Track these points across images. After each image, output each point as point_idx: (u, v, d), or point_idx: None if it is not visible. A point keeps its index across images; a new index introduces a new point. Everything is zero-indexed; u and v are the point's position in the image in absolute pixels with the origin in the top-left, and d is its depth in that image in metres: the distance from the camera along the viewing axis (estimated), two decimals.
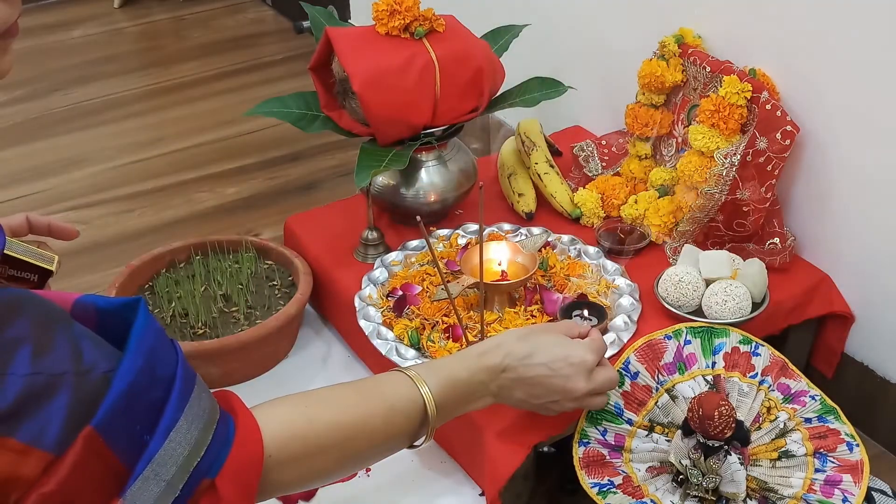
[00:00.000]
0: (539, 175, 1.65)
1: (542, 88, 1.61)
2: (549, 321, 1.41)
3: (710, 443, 1.20)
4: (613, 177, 1.68)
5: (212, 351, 1.47)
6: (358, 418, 0.99)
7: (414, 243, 1.57)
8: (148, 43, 3.08)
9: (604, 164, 1.74)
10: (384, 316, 1.44)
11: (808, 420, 1.30)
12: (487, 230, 1.58)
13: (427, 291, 1.47)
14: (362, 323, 1.42)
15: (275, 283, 1.64)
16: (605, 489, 1.25)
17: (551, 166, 1.67)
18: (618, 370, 1.32)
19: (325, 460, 0.96)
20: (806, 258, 1.54)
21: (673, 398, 1.32)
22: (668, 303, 1.41)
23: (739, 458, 1.20)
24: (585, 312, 1.39)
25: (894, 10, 1.29)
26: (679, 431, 1.24)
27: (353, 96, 1.49)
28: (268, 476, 0.88)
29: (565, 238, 1.56)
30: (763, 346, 1.35)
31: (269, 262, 1.68)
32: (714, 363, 1.34)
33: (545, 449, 1.38)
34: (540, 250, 1.53)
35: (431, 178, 1.59)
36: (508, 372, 1.13)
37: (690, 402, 1.21)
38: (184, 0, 3.31)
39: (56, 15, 3.20)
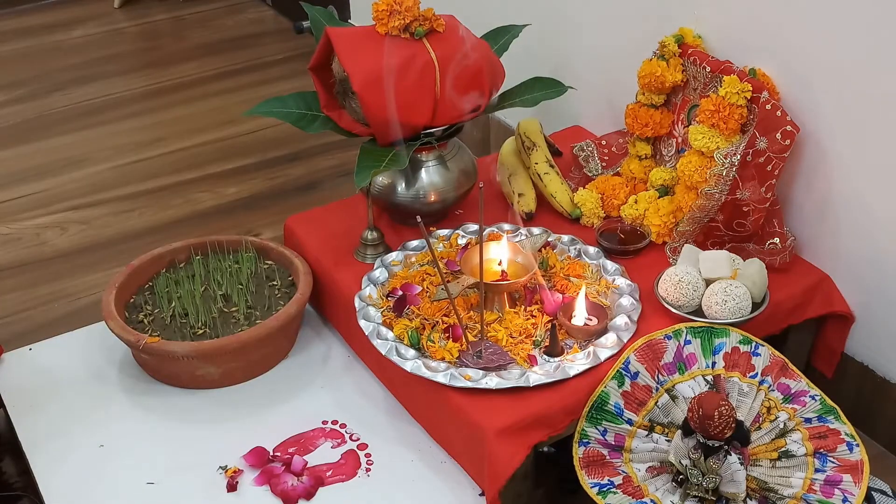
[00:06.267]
0: (539, 175, 1.65)
1: (542, 88, 1.61)
2: (549, 321, 1.41)
3: (710, 443, 1.20)
4: (613, 177, 1.68)
5: (212, 351, 1.47)
6: None
7: (414, 243, 1.57)
8: (148, 43, 3.08)
9: (604, 164, 1.74)
10: (384, 316, 1.44)
11: (808, 420, 1.30)
12: (487, 230, 1.58)
13: (427, 291, 1.47)
14: (362, 323, 1.42)
15: (275, 283, 1.64)
16: (605, 489, 1.25)
17: (551, 166, 1.67)
18: (618, 370, 1.32)
19: None
20: (806, 258, 1.54)
21: (673, 398, 1.32)
22: (668, 303, 1.41)
23: (739, 458, 1.20)
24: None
25: (894, 11, 1.29)
26: (679, 431, 1.24)
27: (353, 96, 1.49)
28: None
29: (565, 238, 1.56)
30: (763, 346, 1.35)
31: (269, 262, 1.68)
32: (714, 363, 1.34)
33: (545, 449, 1.38)
34: (540, 250, 1.53)
35: (431, 178, 1.59)
36: None
37: (690, 402, 1.21)
38: (184, 0, 3.31)
39: (56, 15, 3.19)
